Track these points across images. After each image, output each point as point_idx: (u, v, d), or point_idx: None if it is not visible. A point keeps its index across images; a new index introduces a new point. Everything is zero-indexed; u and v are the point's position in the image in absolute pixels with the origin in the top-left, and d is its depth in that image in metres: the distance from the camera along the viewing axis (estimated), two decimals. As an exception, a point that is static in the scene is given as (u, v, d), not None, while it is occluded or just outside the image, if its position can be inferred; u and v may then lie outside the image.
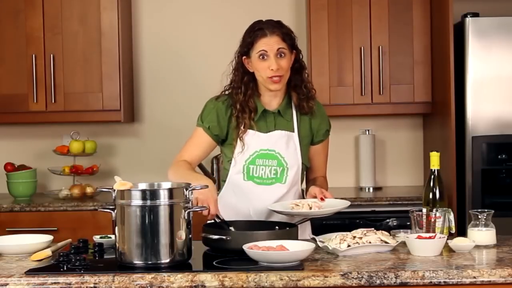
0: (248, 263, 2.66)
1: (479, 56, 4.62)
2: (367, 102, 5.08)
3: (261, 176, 3.32)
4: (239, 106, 3.33)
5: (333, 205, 3.22)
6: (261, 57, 3.26)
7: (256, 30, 3.28)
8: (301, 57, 3.40)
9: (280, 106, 3.38)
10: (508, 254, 2.82)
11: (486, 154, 4.66)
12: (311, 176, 3.54)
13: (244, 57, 3.33)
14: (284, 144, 3.35)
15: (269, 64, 3.25)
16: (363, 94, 5.05)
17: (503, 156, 4.66)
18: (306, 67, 3.44)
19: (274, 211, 3.22)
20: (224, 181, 3.41)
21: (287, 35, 3.30)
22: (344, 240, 2.84)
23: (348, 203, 3.25)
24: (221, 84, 3.44)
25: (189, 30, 5.49)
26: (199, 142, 3.39)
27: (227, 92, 3.41)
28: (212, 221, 3.10)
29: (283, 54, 3.27)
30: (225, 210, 3.27)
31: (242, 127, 3.32)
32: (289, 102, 3.40)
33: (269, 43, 3.25)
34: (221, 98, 3.40)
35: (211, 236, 2.91)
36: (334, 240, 2.87)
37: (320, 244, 2.91)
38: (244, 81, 3.35)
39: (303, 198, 3.42)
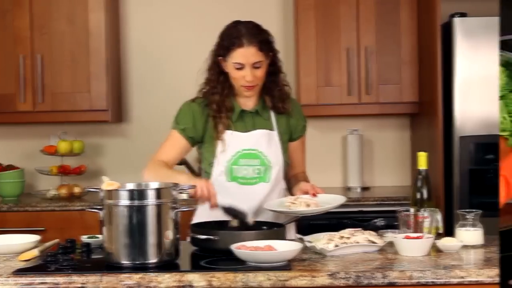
0: (236, 263, 2.66)
1: (467, 56, 4.62)
2: (354, 102, 5.08)
3: (245, 176, 3.31)
4: (215, 106, 3.32)
5: (327, 200, 3.22)
6: (236, 67, 3.26)
7: (234, 38, 3.25)
8: (277, 59, 3.38)
9: (257, 106, 3.38)
10: (495, 254, 2.82)
11: (473, 154, 4.66)
12: (291, 172, 3.53)
13: (220, 57, 3.32)
14: (265, 142, 3.34)
15: (244, 75, 3.25)
16: (350, 94, 5.05)
17: (491, 156, 4.66)
18: (282, 70, 3.42)
19: (274, 211, 3.21)
20: None
21: (264, 44, 3.27)
22: (332, 240, 2.84)
23: (344, 198, 3.25)
24: (197, 82, 3.42)
25: (176, 30, 5.49)
26: (174, 144, 3.39)
27: (203, 91, 3.39)
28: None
29: (258, 65, 3.26)
30: (211, 211, 3.27)
31: (220, 127, 3.32)
32: (265, 102, 3.40)
33: (246, 55, 3.23)
34: (196, 100, 3.39)
35: (199, 236, 2.91)
36: (321, 240, 2.87)
37: (307, 244, 2.91)
38: (220, 81, 3.34)
39: (286, 196, 3.42)
